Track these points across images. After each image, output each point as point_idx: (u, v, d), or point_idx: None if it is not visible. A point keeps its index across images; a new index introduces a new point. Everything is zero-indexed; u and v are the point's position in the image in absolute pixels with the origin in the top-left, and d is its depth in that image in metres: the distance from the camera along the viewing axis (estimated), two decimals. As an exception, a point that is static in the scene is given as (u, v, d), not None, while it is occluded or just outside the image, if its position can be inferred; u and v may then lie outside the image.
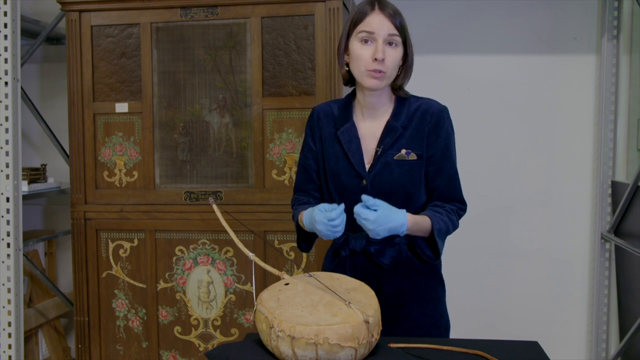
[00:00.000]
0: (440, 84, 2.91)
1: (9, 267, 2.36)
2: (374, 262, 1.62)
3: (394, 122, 1.60)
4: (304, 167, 1.73)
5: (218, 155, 2.45)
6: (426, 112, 1.61)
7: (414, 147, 1.59)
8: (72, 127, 2.50)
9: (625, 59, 2.83)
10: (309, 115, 1.73)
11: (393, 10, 1.55)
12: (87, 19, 2.47)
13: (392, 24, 1.53)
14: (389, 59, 1.54)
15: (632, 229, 2.62)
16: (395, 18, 1.54)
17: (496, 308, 2.99)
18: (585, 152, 2.91)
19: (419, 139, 1.60)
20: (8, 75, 2.34)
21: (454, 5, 2.91)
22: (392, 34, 1.53)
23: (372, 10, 1.54)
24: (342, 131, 1.63)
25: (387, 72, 1.54)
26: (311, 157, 1.71)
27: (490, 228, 2.94)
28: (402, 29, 1.55)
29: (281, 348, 1.23)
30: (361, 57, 1.55)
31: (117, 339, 2.55)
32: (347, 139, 1.62)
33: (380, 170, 1.59)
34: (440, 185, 1.61)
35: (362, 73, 1.56)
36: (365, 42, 1.54)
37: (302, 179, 1.74)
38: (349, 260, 1.65)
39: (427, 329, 1.65)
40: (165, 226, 2.47)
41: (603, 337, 2.87)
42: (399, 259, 1.62)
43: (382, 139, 1.60)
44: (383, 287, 1.62)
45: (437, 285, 1.69)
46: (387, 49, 1.53)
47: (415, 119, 1.60)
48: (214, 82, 2.43)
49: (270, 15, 2.36)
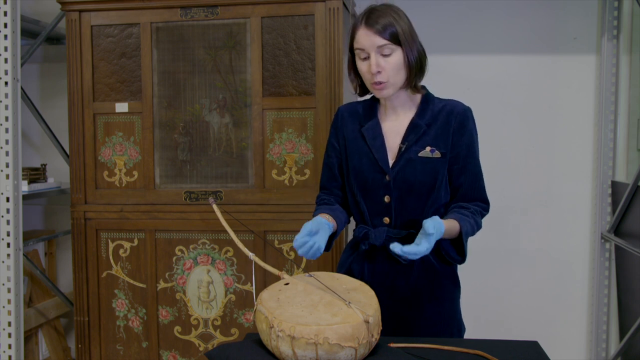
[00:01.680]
0: (441, 84, 2.88)
1: (9, 267, 2.36)
2: (393, 258, 1.63)
3: (419, 120, 1.62)
4: (327, 165, 1.76)
5: (218, 155, 2.45)
6: (451, 112, 1.63)
7: (438, 146, 1.61)
8: (72, 127, 2.50)
9: (625, 59, 2.83)
10: (334, 115, 1.77)
11: (381, 25, 1.54)
12: (87, 19, 2.47)
13: (379, 37, 1.54)
14: (387, 68, 1.56)
15: (632, 229, 2.62)
16: (384, 31, 1.54)
17: (496, 308, 2.99)
18: (585, 152, 2.91)
19: (443, 137, 1.61)
20: (8, 75, 2.34)
21: (454, 5, 2.91)
22: (382, 45, 1.55)
23: (360, 26, 1.57)
24: (367, 128, 1.66)
25: (387, 80, 1.57)
26: (334, 156, 1.74)
27: (490, 228, 2.92)
28: (394, 38, 1.55)
29: (281, 348, 1.23)
30: (362, 72, 1.60)
31: (117, 339, 2.55)
32: (371, 136, 1.65)
33: (404, 166, 1.60)
34: (465, 183, 1.64)
35: (369, 87, 1.62)
36: (364, 59, 1.58)
37: (326, 177, 1.77)
38: (367, 254, 1.67)
39: (440, 328, 1.66)
40: (165, 226, 2.47)
41: (603, 337, 2.87)
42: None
43: (406, 136, 1.62)
44: (399, 283, 1.64)
45: (453, 285, 1.70)
46: (381, 59, 1.55)
47: (440, 118, 1.63)
48: (214, 82, 2.43)
49: (270, 15, 2.36)
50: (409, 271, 1.64)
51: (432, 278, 1.65)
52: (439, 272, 1.66)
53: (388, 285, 1.63)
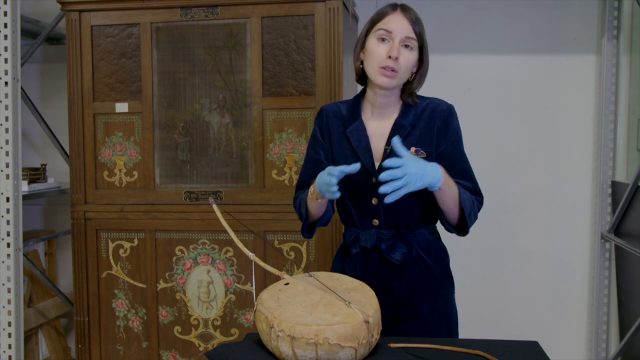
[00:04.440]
0: (441, 84, 2.90)
1: (9, 267, 2.36)
2: (385, 259, 1.63)
3: (403, 120, 1.62)
4: (313, 162, 1.70)
5: (218, 155, 2.45)
6: (434, 111, 1.63)
7: (423, 145, 1.60)
8: (72, 127, 2.50)
9: (625, 59, 2.83)
10: (318, 113, 1.73)
11: (415, 16, 1.59)
12: (87, 19, 2.47)
13: (411, 27, 1.57)
14: (403, 60, 1.56)
15: (632, 229, 2.62)
16: (416, 24, 1.58)
17: (496, 308, 2.99)
18: (585, 152, 2.91)
19: (428, 136, 1.61)
20: (8, 75, 2.34)
21: (454, 5, 2.91)
22: (410, 37, 1.57)
23: (393, 11, 1.59)
24: (351, 130, 1.64)
25: (399, 71, 1.56)
26: (322, 154, 1.69)
27: (490, 228, 2.94)
28: (420, 36, 1.59)
29: (281, 348, 1.23)
30: (376, 53, 1.57)
31: (117, 339, 2.55)
32: (356, 138, 1.63)
33: None
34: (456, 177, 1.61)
35: (374, 70, 1.58)
36: (383, 40, 1.57)
37: (311, 174, 1.69)
38: (359, 258, 1.66)
39: (437, 325, 1.66)
40: (165, 226, 2.47)
41: (603, 337, 2.87)
42: (409, 255, 1.63)
43: (391, 137, 1.61)
44: (393, 283, 1.63)
45: (447, 282, 1.70)
46: (402, 49, 1.56)
47: (423, 117, 1.62)
48: (214, 82, 2.43)
49: (270, 15, 2.36)
50: (402, 271, 1.63)
51: (427, 276, 1.65)
52: (432, 270, 1.65)
53: (382, 286, 1.62)
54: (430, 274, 1.65)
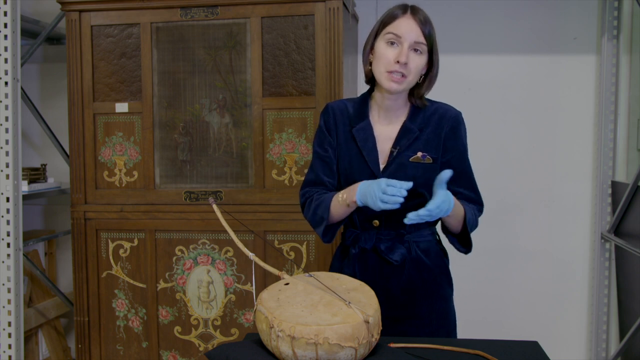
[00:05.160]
0: (441, 84, 2.89)
1: (9, 267, 2.36)
2: (384, 259, 1.63)
3: (411, 123, 1.61)
4: (322, 159, 1.66)
5: (218, 155, 2.45)
6: (443, 117, 1.62)
7: (430, 151, 1.60)
8: (72, 127, 2.50)
9: (625, 59, 2.82)
10: (323, 110, 1.70)
11: (424, 18, 1.56)
12: (87, 19, 2.47)
13: (420, 31, 1.54)
14: (412, 64, 1.54)
15: (632, 229, 2.62)
16: (425, 26, 1.55)
17: (496, 308, 2.99)
18: (585, 152, 2.91)
19: (435, 142, 1.61)
20: (8, 75, 2.34)
21: (454, 5, 2.91)
22: (419, 42, 1.54)
23: (403, 14, 1.56)
24: (358, 129, 1.63)
25: (408, 76, 1.55)
26: (331, 151, 1.66)
27: (490, 228, 2.93)
28: (430, 38, 1.56)
29: (281, 348, 1.23)
30: (384, 57, 1.55)
31: (117, 339, 2.55)
32: (362, 137, 1.62)
33: (395, 171, 1.59)
34: (461, 188, 1.63)
35: (382, 74, 1.56)
36: (392, 44, 1.55)
37: (322, 171, 1.66)
38: (358, 258, 1.66)
39: (436, 326, 1.66)
40: (165, 226, 2.47)
41: (603, 337, 2.87)
42: (409, 256, 1.63)
43: (398, 140, 1.60)
44: (392, 284, 1.63)
45: (445, 282, 1.70)
46: (411, 54, 1.54)
47: (432, 122, 1.61)
48: (214, 82, 2.43)
49: (270, 15, 2.36)
50: (401, 271, 1.63)
51: (425, 276, 1.65)
52: (431, 271, 1.65)
53: (381, 287, 1.62)
54: (429, 275, 1.65)
